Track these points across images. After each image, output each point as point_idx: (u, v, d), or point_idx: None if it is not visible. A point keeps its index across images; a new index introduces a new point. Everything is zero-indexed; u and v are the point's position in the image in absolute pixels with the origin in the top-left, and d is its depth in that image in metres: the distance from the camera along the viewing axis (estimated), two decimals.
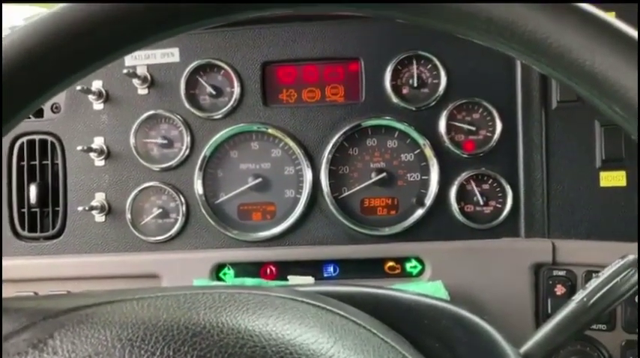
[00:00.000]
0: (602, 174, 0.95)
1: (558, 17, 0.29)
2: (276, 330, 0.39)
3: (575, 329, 0.59)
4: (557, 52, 0.29)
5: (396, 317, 0.57)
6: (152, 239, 1.00)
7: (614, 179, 0.94)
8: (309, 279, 0.94)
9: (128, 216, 1.00)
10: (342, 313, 0.47)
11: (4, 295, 1.00)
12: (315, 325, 0.42)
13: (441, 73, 0.97)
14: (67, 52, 0.33)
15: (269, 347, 0.36)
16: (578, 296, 0.60)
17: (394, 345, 0.45)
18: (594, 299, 0.58)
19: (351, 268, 0.99)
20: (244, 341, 0.36)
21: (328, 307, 0.48)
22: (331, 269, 0.99)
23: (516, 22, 0.30)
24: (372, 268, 0.98)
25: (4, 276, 1.01)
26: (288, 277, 0.95)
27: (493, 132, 0.97)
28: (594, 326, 0.90)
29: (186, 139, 0.99)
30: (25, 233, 1.03)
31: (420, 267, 0.98)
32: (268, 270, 0.99)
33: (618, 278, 0.58)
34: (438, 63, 0.97)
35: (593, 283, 0.59)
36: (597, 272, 0.90)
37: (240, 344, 0.36)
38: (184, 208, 1.00)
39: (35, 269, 1.01)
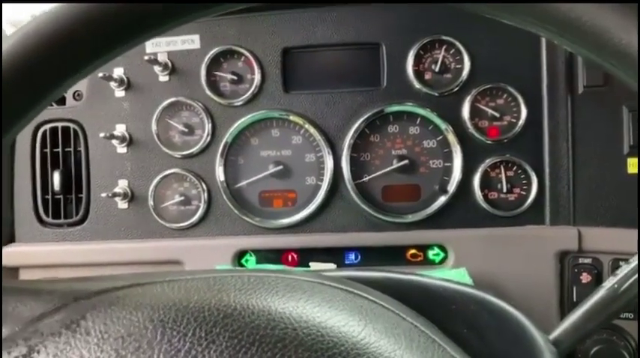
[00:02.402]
0: (630, 161, 0.93)
1: None
2: (306, 313, 0.39)
3: (604, 317, 0.58)
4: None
5: (424, 302, 0.56)
6: (174, 225, 1.01)
7: None
8: (331, 266, 0.94)
9: (150, 202, 1.01)
10: (370, 297, 0.47)
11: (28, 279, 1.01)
12: (345, 308, 0.42)
13: (465, 57, 0.96)
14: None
15: (300, 329, 0.36)
16: (609, 282, 0.58)
17: (424, 330, 0.45)
18: (625, 285, 0.57)
19: (372, 255, 0.98)
20: (275, 323, 0.36)
21: (356, 291, 0.47)
22: (352, 256, 0.99)
23: None
24: (393, 256, 0.98)
25: (29, 262, 1.03)
26: (310, 264, 0.95)
27: (518, 118, 0.96)
28: (621, 315, 0.89)
29: (208, 126, 0.99)
30: (49, 219, 1.04)
31: (442, 255, 0.97)
32: (290, 257, 0.99)
33: None
34: (461, 47, 0.96)
35: (625, 269, 0.58)
36: (624, 260, 0.90)
37: (271, 325, 0.36)
38: (206, 195, 1.00)
39: (59, 255, 1.02)
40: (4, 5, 0.98)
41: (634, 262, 0.57)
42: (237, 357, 0.34)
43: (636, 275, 0.57)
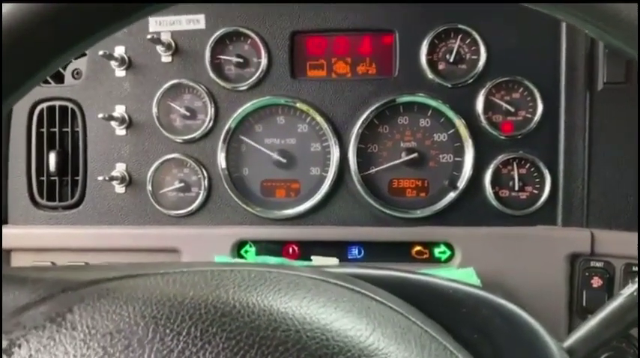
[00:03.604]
0: None
1: None
2: (310, 313, 0.36)
3: (622, 326, 0.55)
4: None
5: (433, 304, 0.54)
6: (173, 212, 0.98)
7: None
8: (334, 260, 0.91)
9: (149, 188, 0.98)
10: (378, 298, 0.44)
11: (21, 264, 0.99)
12: (352, 310, 0.40)
13: (481, 48, 0.92)
14: None
15: (303, 331, 0.34)
16: (628, 289, 0.55)
17: (435, 336, 0.42)
18: None
19: (376, 251, 0.95)
20: (277, 324, 0.34)
21: (363, 291, 0.45)
22: (356, 251, 0.96)
23: None
24: (398, 252, 0.95)
25: (21, 245, 1.00)
26: (312, 257, 0.93)
27: (534, 113, 0.92)
28: None
29: (210, 111, 0.96)
30: (44, 202, 1.01)
31: (449, 253, 0.94)
32: (291, 250, 0.96)
33: None
34: (477, 37, 0.92)
35: None
36: (637, 265, 0.87)
37: (272, 326, 0.34)
38: (206, 182, 0.97)
39: (53, 238, 0.99)
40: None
41: None
42: None
43: None
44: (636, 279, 0.55)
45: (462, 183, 0.93)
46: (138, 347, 0.31)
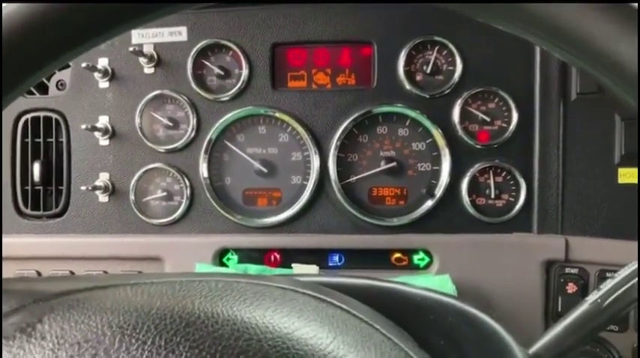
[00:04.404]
0: (621, 171, 0.92)
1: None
2: (273, 323, 0.37)
3: (587, 331, 0.56)
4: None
5: (401, 311, 0.55)
6: (155, 221, 0.99)
7: (633, 176, 0.91)
8: (314, 268, 0.93)
9: (132, 197, 0.99)
10: (343, 307, 0.45)
11: (5, 273, 0.99)
12: (315, 319, 0.41)
13: (457, 59, 0.94)
14: None
15: (265, 340, 0.35)
16: (592, 296, 0.57)
17: (397, 342, 0.43)
18: (609, 300, 0.55)
19: (356, 258, 0.97)
20: (240, 333, 0.35)
21: (329, 299, 0.46)
22: (337, 258, 0.97)
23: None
24: (378, 259, 0.96)
25: (6, 254, 1.00)
26: (293, 265, 0.94)
27: (509, 122, 0.94)
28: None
29: (192, 121, 0.97)
30: (28, 211, 1.02)
31: (427, 260, 0.95)
32: (272, 257, 0.97)
33: (636, 280, 0.55)
34: (454, 49, 0.94)
35: (609, 283, 0.56)
36: (611, 271, 0.89)
37: (235, 336, 0.34)
38: (189, 191, 0.98)
39: (37, 247, 1.00)
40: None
41: (618, 276, 0.56)
42: None
43: (621, 290, 0.55)
44: (600, 286, 0.57)
45: (439, 191, 0.95)
46: (104, 355, 0.32)
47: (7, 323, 0.36)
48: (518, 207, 0.94)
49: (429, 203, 0.95)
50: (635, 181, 0.90)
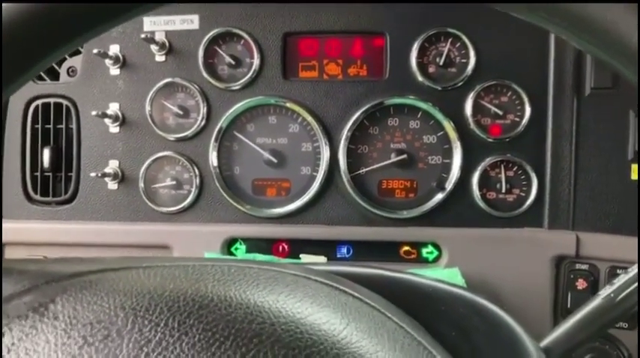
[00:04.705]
0: (634, 167, 0.91)
1: None
2: (286, 308, 0.37)
3: (599, 326, 0.56)
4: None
5: (412, 302, 0.55)
6: (164, 209, 0.99)
7: None
8: (322, 259, 0.92)
9: (141, 184, 0.99)
10: (356, 294, 0.45)
11: (14, 257, 1.00)
12: (328, 305, 0.40)
13: (470, 52, 0.93)
14: None
15: (278, 324, 0.35)
16: (605, 291, 0.56)
17: (409, 331, 0.43)
18: (622, 295, 0.55)
19: (365, 250, 0.96)
20: (253, 317, 0.35)
21: (342, 287, 0.46)
22: (345, 250, 0.97)
23: None
24: (386, 251, 0.96)
25: (15, 239, 1.01)
26: (301, 256, 0.94)
27: (521, 117, 0.93)
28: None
29: (203, 109, 0.97)
30: (38, 197, 1.02)
31: (436, 253, 0.95)
32: (280, 248, 0.97)
33: None
34: (467, 41, 0.93)
35: (622, 279, 0.56)
36: (622, 268, 0.88)
37: (248, 319, 0.34)
38: (198, 180, 0.98)
39: (46, 233, 1.00)
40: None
41: (632, 271, 0.55)
42: (211, 351, 0.32)
43: (634, 286, 0.55)
44: (614, 281, 0.57)
45: (449, 185, 0.94)
46: (117, 336, 0.32)
47: (20, 302, 0.36)
48: (529, 201, 0.93)
49: (439, 196, 0.94)
50: None
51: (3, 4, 0.31)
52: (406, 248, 0.96)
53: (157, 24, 0.97)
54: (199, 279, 0.39)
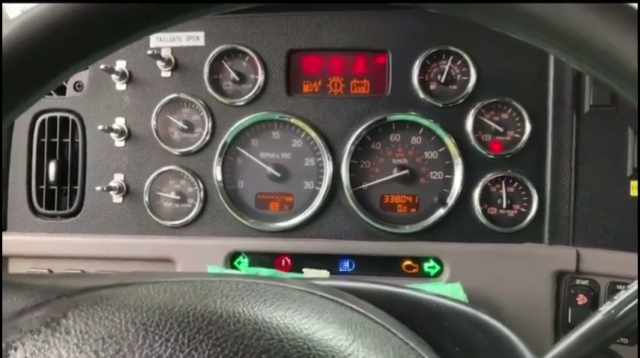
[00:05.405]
0: (633, 183, 0.92)
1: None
2: (294, 323, 0.37)
3: (600, 342, 0.56)
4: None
5: (416, 317, 0.55)
6: (168, 223, 1.00)
7: None
8: (325, 273, 0.93)
9: (146, 198, 1.00)
10: (361, 310, 0.46)
11: (18, 271, 1.00)
12: (334, 321, 0.41)
13: (471, 69, 0.95)
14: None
15: (286, 340, 0.35)
16: (606, 307, 0.57)
17: (414, 347, 0.44)
18: (623, 311, 0.55)
19: (367, 265, 0.97)
20: (261, 333, 0.35)
21: (348, 303, 0.46)
22: (347, 264, 0.97)
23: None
24: (388, 266, 0.96)
25: (19, 252, 1.02)
26: (304, 270, 0.94)
27: (522, 133, 0.94)
28: None
29: (208, 125, 0.98)
30: (43, 210, 1.03)
31: (438, 268, 0.95)
32: (283, 262, 0.98)
33: None
34: (468, 59, 0.95)
35: (623, 295, 0.56)
36: (622, 283, 0.89)
37: (257, 335, 0.35)
38: (202, 194, 0.99)
39: (51, 246, 1.01)
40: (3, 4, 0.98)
41: (633, 287, 0.56)
42: None
43: (635, 302, 0.55)
44: (614, 297, 0.57)
45: (451, 200, 0.95)
46: (128, 351, 0.33)
47: (32, 317, 0.37)
48: (529, 217, 0.94)
49: (441, 211, 0.95)
50: None
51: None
52: (408, 262, 0.97)
53: (163, 40, 0.99)
54: (208, 295, 0.40)
